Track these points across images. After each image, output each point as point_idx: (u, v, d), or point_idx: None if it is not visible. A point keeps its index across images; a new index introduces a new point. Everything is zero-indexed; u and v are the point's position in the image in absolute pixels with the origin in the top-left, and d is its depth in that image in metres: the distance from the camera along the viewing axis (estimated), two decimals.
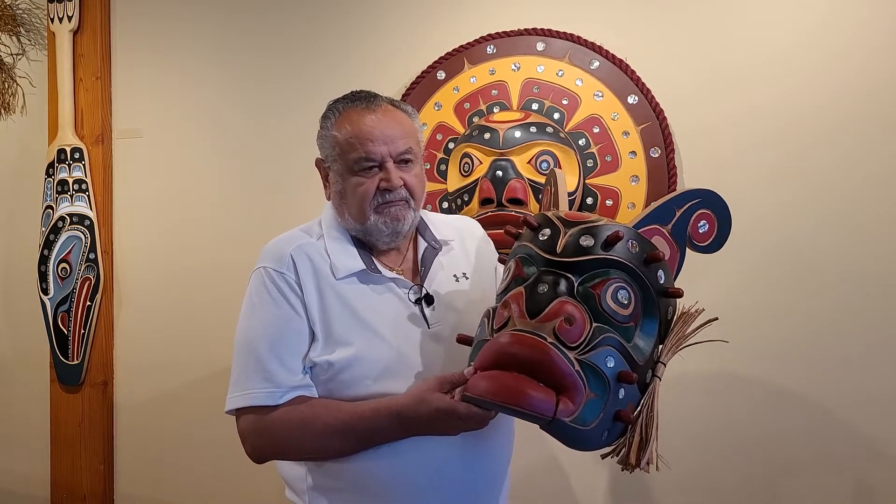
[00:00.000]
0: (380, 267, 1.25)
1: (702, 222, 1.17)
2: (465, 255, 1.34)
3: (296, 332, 1.19)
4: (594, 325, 0.99)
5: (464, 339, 1.13)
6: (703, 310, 1.11)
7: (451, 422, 1.07)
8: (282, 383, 1.16)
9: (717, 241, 1.19)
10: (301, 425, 1.15)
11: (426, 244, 1.31)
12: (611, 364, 0.98)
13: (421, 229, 1.33)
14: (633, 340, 1.03)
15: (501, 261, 1.20)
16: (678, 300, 1.11)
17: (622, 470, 1.05)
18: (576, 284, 1.01)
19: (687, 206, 1.16)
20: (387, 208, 1.22)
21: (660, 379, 1.06)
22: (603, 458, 1.08)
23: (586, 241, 1.02)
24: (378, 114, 1.22)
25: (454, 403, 1.05)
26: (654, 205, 1.16)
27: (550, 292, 1.00)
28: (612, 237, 1.02)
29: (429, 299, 1.24)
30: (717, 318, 1.13)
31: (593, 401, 0.96)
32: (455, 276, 1.29)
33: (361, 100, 1.24)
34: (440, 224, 1.37)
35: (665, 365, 1.08)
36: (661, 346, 1.08)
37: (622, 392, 1.00)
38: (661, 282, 1.07)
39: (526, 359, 0.95)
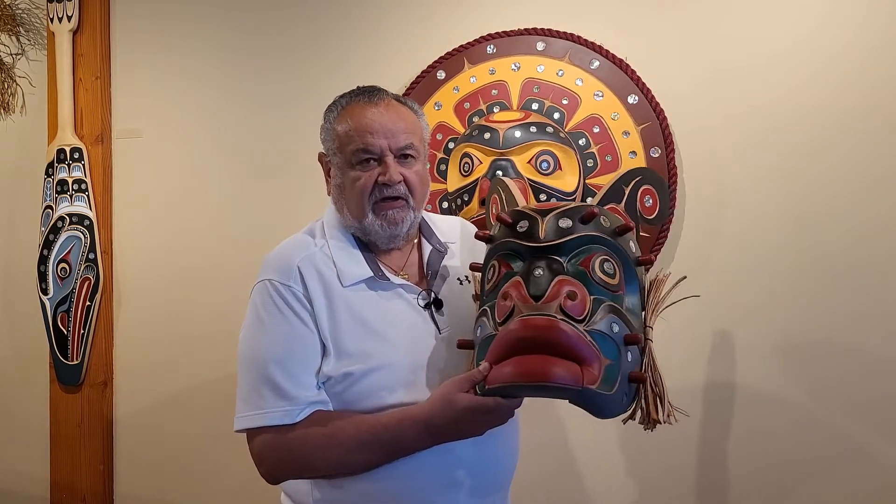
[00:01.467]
0: (387, 273, 1.23)
1: (646, 197, 1.26)
2: (465, 257, 1.33)
3: (307, 347, 1.16)
4: (592, 297, 1.04)
5: (465, 344, 1.14)
6: (671, 273, 1.18)
7: (479, 419, 1.06)
8: (297, 401, 1.13)
9: (660, 214, 1.28)
10: (324, 441, 1.12)
11: (431, 248, 1.29)
12: (616, 329, 1.04)
13: (426, 232, 1.32)
14: (624, 306, 1.09)
15: (474, 268, 1.19)
16: (647, 271, 1.19)
17: (645, 429, 1.11)
18: (565, 264, 1.06)
19: (632, 183, 1.25)
20: (384, 209, 1.20)
21: (651, 341, 1.13)
22: (624, 423, 1.12)
23: (565, 223, 1.08)
24: (380, 107, 1.21)
25: (481, 399, 1.05)
26: (605, 186, 1.26)
27: (547, 274, 1.04)
28: (588, 215, 1.08)
29: (438, 304, 1.23)
30: (685, 277, 1.19)
31: (610, 366, 1.01)
32: (459, 279, 1.28)
33: (364, 94, 1.23)
34: (442, 226, 1.36)
35: (652, 328, 1.14)
36: (643, 312, 1.15)
37: (629, 355, 1.05)
38: (634, 251, 1.14)
39: (541, 339, 0.99)
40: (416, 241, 1.31)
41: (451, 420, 1.07)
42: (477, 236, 1.18)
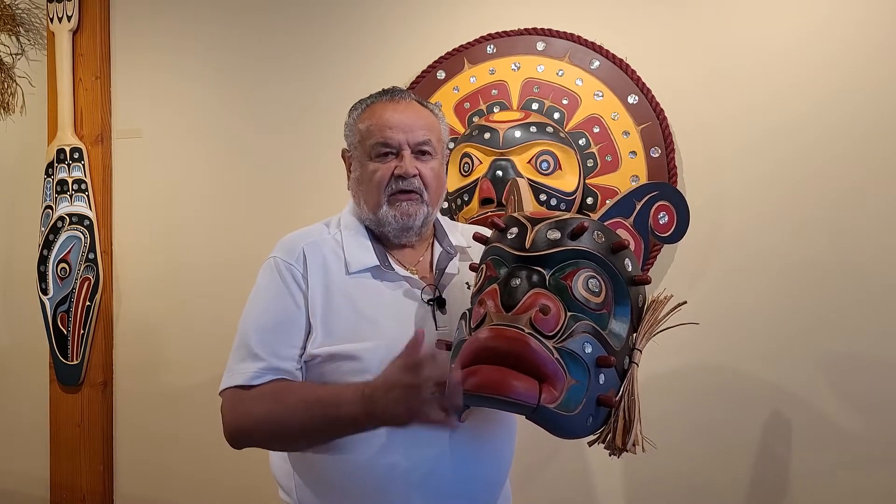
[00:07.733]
0: (393, 264, 1.26)
1: (661, 213, 1.22)
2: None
3: (291, 322, 1.20)
4: (569, 314, 1.01)
5: (443, 345, 1.14)
6: (672, 295, 1.14)
7: (414, 404, 0.98)
8: (267, 367, 1.17)
9: (677, 232, 1.24)
10: (273, 397, 1.15)
11: (442, 249, 1.32)
12: (588, 350, 1.01)
13: (439, 234, 1.34)
14: (607, 327, 1.06)
15: (473, 268, 1.20)
16: (647, 289, 1.15)
17: (610, 455, 1.08)
18: (547, 277, 1.04)
19: (646, 198, 1.20)
20: (399, 200, 1.24)
21: (637, 365, 1.09)
22: (590, 445, 1.09)
23: (553, 235, 1.06)
24: (401, 105, 1.27)
25: (419, 382, 0.98)
26: (615, 199, 1.21)
27: (524, 285, 1.02)
28: (578, 228, 1.05)
29: (440, 302, 1.25)
30: (685, 302, 1.14)
31: (575, 387, 0.99)
32: (467, 283, 1.29)
33: (387, 94, 1.29)
34: (464, 231, 1.38)
35: (641, 351, 1.10)
36: (635, 334, 1.11)
37: (602, 377, 1.03)
38: (629, 270, 1.10)
39: (506, 351, 0.97)
40: (430, 242, 1.34)
41: (382, 386, 1.01)
42: (474, 237, 1.20)
